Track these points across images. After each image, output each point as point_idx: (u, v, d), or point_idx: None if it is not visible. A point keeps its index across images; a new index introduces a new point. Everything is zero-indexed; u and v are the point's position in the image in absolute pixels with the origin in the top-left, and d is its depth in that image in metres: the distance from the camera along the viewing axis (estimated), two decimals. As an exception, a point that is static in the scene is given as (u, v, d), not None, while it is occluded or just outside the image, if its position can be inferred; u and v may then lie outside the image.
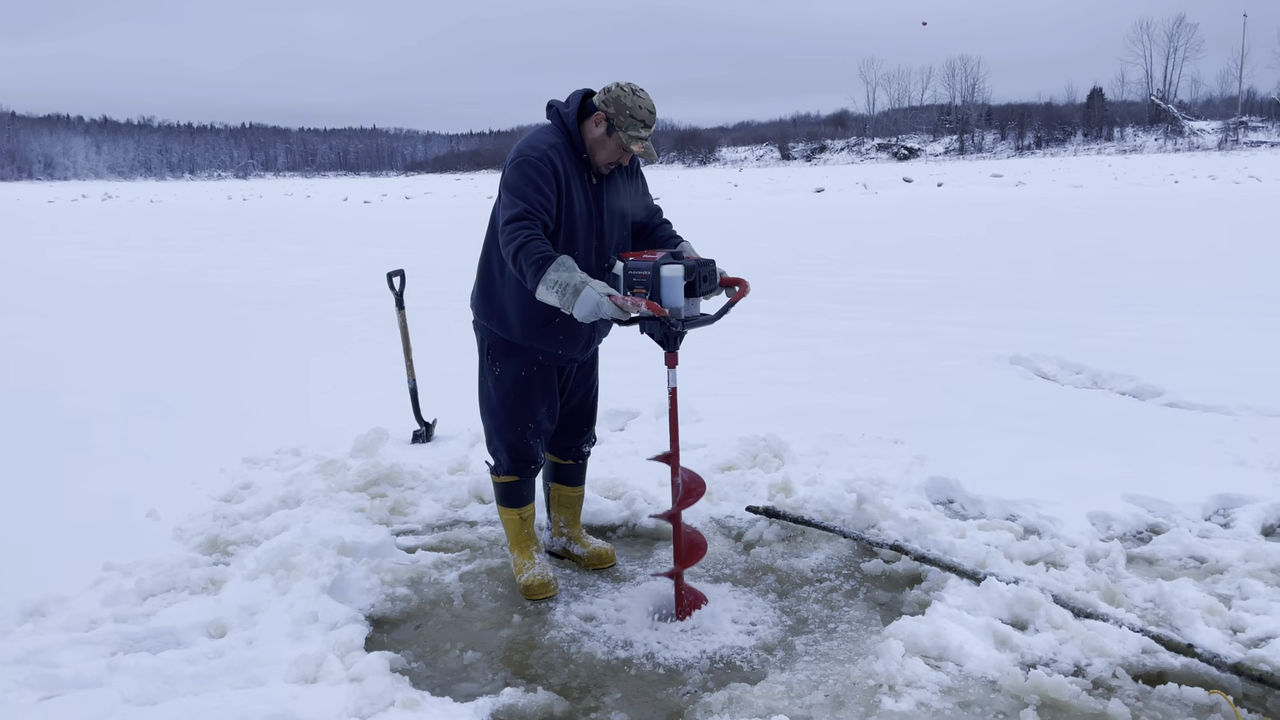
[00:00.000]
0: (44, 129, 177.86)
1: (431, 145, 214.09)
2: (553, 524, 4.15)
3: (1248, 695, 2.94)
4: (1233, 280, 11.72)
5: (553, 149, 3.41)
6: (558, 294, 3.18)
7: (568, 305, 3.18)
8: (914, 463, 5.01)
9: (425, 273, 12.66)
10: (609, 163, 3.49)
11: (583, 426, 3.98)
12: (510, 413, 3.70)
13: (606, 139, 3.44)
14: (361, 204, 48.58)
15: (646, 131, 3.42)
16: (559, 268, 3.19)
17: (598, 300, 3.14)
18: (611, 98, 3.41)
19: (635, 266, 3.28)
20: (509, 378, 3.66)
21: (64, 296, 12.66)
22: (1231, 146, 74.03)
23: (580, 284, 3.16)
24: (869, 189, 44.18)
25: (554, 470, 4.07)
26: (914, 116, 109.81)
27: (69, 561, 3.86)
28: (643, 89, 3.46)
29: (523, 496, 3.87)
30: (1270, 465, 4.87)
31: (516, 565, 3.84)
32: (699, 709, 2.94)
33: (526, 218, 3.30)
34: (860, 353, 8.10)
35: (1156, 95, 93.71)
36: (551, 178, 3.37)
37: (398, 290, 5.97)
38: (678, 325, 3.27)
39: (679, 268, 3.24)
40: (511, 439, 3.74)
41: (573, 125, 3.46)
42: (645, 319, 3.25)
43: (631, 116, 3.39)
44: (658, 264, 3.24)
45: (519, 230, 3.28)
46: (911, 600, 3.60)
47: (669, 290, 3.22)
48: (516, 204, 3.33)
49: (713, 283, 3.42)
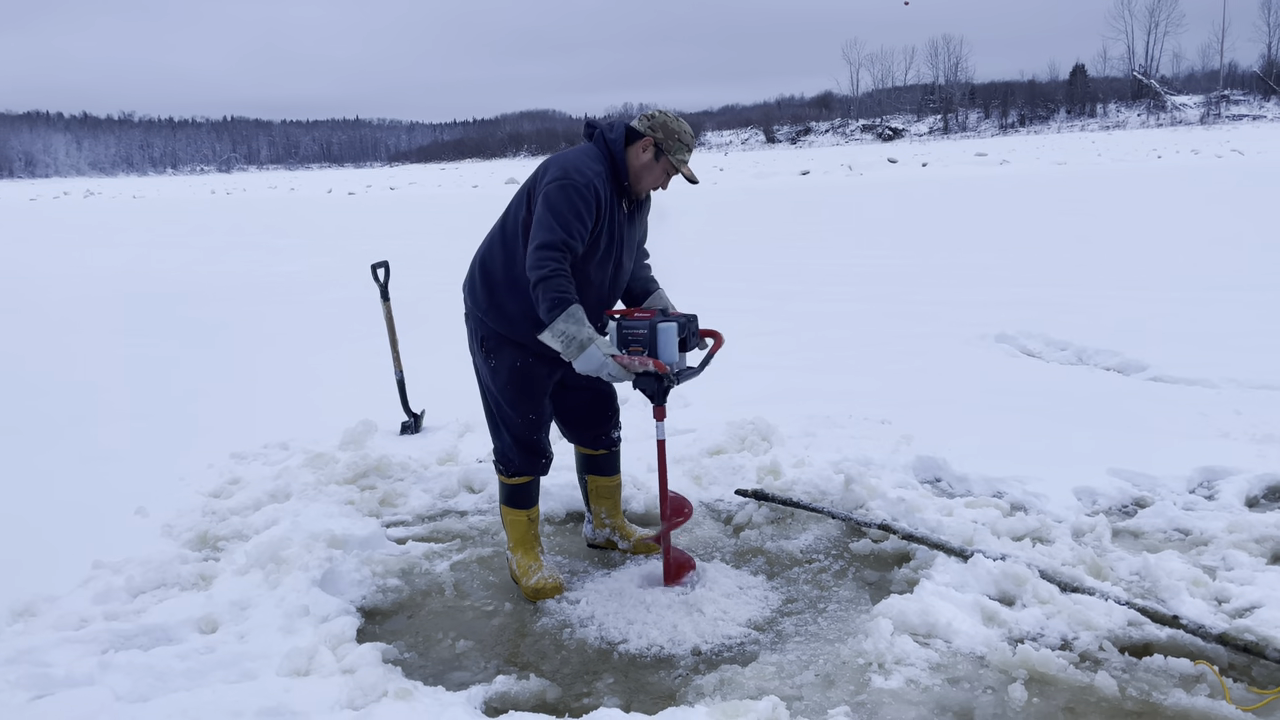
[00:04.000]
0: (24, 126, 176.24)
1: (415, 135, 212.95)
2: (594, 516, 4.07)
3: (1233, 665, 2.98)
4: (1215, 254, 11.78)
5: (599, 177, 3.37)
6: (563, 344, 3.22)
7: (571, 357, 3.24)
8: (901, 442, 5.04)
9: (411, 264, 12.62)
10: (652, 188, 3.55)
11: (607, 412, 3.92)
12: (510, 404, 3.64)
13: (654, 164, 3.47)
14: (346, 196, 48.33)
15: (689, 155, 3.49)
16: (569, 319, 3.20)
17: (601, 360, 3.21)
18: (658, 123, 3.46)
19: (630, 326, 3.46)
20: (505, 369, 3.61)
21: (48, 294, 12.58)
22: (1214, 120, 74.28)
23: (586, 340, 3.20)
24: (854, 170, 44.17)
25: (586, 462, 4.01)
26: (898, 97, 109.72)
27: (58, 560, 3.86)
28: (681, 116, 3.54)
29: (531, 497, 3.81)
30: (1253, 437, 4.91)
31: (521, 567, 3.73)
32: (690, 691, 2.96)
33: (561, 249, 3.24)
34: (846, 334, 8.12)
35: (1139, 71, 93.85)
36: (594, 207, 3.33)
37: (382, 282, 5.95)
38: (671, 380, 3.38)
39: (674, 325, 3.42)
40: (518, 433, 3.69)
41: (619, 152, 3.45)
42: (640, 375, 3.34)
43: (679, 140, 3.46)
44: (653, 323, 3.41)
45: (549, 260, 3.23)
46: (900, 579, 3.63)
47: (665, 347, 3.40)
48: (556, 230, 3.25)
49: (697, 337, 3.57)
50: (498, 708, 2.91)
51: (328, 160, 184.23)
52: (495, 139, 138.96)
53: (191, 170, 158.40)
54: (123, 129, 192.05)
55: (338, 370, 7.36)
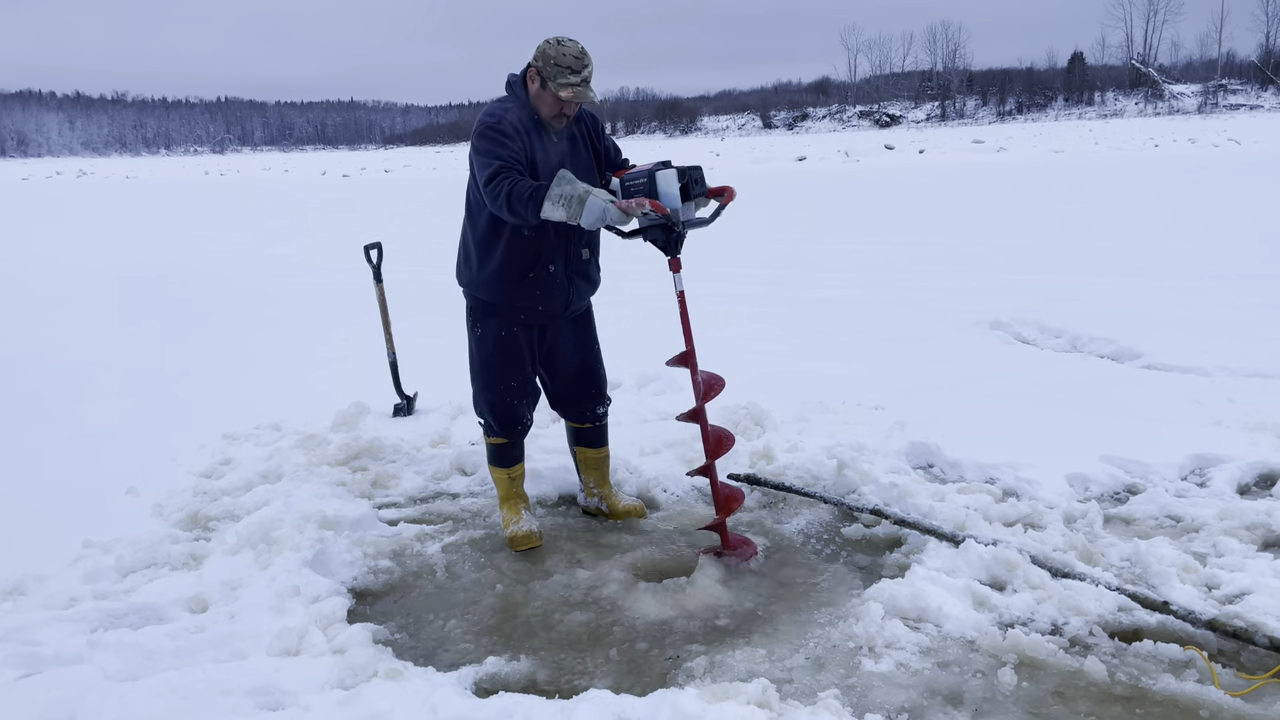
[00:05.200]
0: (15, 105, 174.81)
1: (410, 118, 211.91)
2: (584, 485, 4.30)
3: (1222, 651, 2.99)
4: (1210, 243, 11.78)
5: (507, 112, 3.55)
6: (564, 206, 3.27)
7: (574, 216, 3.28)
8: (894, 428, 5.03)
9: (405, 245, 12.57)
10: (553, 116, 3.59)
11: (591, 390, 4.09)
12: (491, 371, 3.84)
13: (543, 93, 3.55)
14: (340, 178, 48.14)
15: (575, 77, 3.50)
16: (560, 182, 3.28)
17: (603, 206, 3.26)
18: (539, 53, 3.56)
19: (631, 177, 3.52)
20: (490, 338, 3.80)
21: (39, 274, 12.52)
22: (1211, 109, 74.14)
23: (584, 193, 3.27)
24: (851, 156, 44.06)
25: (575, 434, 4.21)
26: (895, 83, 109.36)
27: (48, 539, 3.84)
28: (571, 39, 3.56)
29: (512, 457, 4.04)
30: (1246, 425, 4.92)
31: (504, 519, 4.01)
32: (681, 673, 2.96)
33: (503, 170, 3.40)
34: (841, 320, 8.11)
35: (1137, 59, 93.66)
36: (513, 134, 3.50)
37: (375, 263, 5.92)
38: (679, 226, 3.43)
39: (672, 171, 3.44)
40: (494, 399, 3.89)
41: (518, 88, 3.62)
42: (646, 227, 3.43)
43: (556, 65, 3.51)
44: (652, 170, 3.45)
45: (501, 182, 3.38)
46: (891, 563, 3.63)
47: (666, 193, 3.43)
48: (490, 163, 3.43)
49: (703, 186, 3.58)
50: (488, 688, 2.91)
51: (322, 142, 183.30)
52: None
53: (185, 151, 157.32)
54: (116, 109, 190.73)
55: (330, 352, 7.33)
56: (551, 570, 3.72)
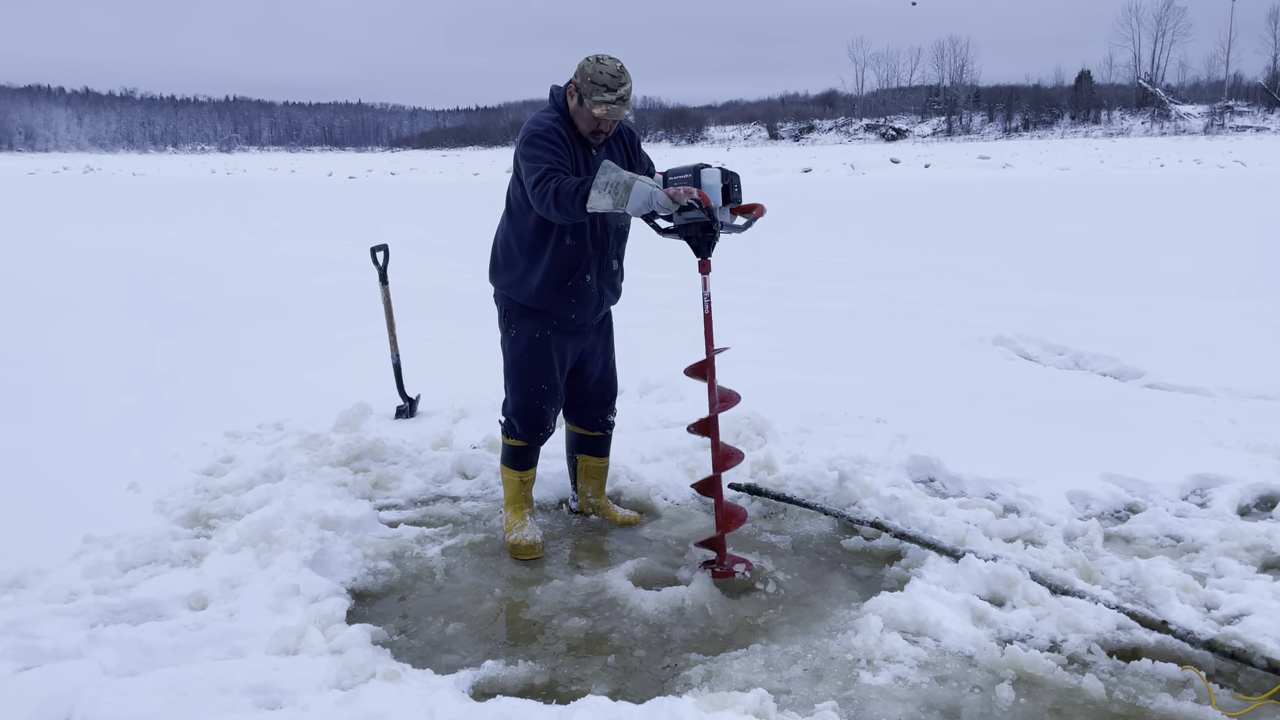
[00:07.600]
0: (24, 100, 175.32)
1: (418, 121, 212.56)
2: (580, 495, 4.31)
3: (1220, 671, 2.99)
4: (1214, 265, 11.79)
5: (554, 121, 3.62)
6: (610, 194, 3.31)
7: (621, 203, 3.31)
8: (896, 441, 5.04)
9: (410, 249, 12.58)
10: (590, 132, 3.65)
11: (606, 396, 4.16)
12: (523, 373, 3.88)
13: (580, 109, 3.61)
14: (346, 180, 48.24)
15: (611, 95, 3.55)
16: (605, 171, 3.31)
17: (650, 191, 3.31)
18: (578, 70, 3.61)
19: (675, 172, 3.54)
20: (524, 339, 3.85)
21: (44, 269, 12.54)
22: (1217, 131, 74.23)
23: (630, 180, 3.30)
24: (856, 169, 44.14)
25: (579, 442, 4.24)
26: (902, 97, 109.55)
27: (49, 534, 3.85)
28: (611, 57, 3.60)
29: (527, 461, 4.05)
30: (1247, 446, 4.92)
31: (508, 523, 4.01)
32: (678, 681, 2.96)
33: (550, 173, 3.47)
34: (843, 332, 8.12)
35: (1144, 79, 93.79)
36: (560, 143, 3.57)
37: (381, 265, 5.94)
38: (717, 225, 3.48)
39: (717, 171, 3.52)
40: (521, 402, 3.91)
41: (561, 102, 3.68)
42: (684, 224, 3.48)
43: (593, 83, 3.54)
44: (697, 168, 3.50)
45: (548, 181, 3.44)
46: (891, 576, 3.64)
47: (710, 187, 3.49)
48: (537, 167, 3.50)
49: (740, 191, 3.64)
50: (486, 692, 2.91)
51: (329, 143, 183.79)
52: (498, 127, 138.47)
53: (192, 149, 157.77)
54: (124, 105, 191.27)
55: (334, 352, 7.34)
56: (551, 575, 3.72)
